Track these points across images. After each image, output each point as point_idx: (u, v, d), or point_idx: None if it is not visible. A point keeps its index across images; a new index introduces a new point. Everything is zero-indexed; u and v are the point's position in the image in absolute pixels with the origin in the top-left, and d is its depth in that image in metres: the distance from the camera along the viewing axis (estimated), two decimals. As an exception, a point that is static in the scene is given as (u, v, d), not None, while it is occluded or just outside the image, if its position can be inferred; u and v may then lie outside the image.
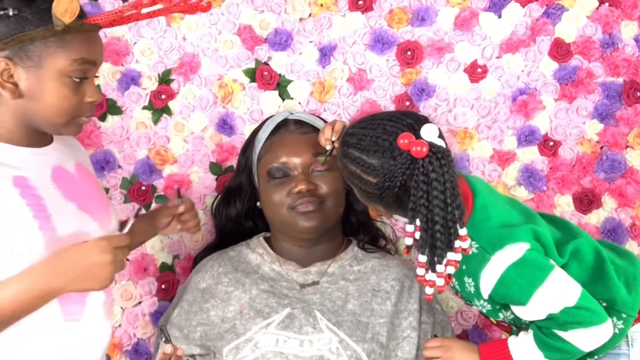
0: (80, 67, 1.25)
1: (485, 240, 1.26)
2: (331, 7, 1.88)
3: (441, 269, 1.21)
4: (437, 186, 1.19)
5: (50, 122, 1.27)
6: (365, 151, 1.27)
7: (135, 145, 1.87)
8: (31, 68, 1.23)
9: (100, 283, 1.25)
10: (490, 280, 1.25)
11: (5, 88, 1.23)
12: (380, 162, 1.24)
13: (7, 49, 1.21)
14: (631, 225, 1.85)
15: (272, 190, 1.62)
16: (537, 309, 1.25)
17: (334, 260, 1.67)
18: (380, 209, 1.32)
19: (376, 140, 1.26)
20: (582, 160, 1.86)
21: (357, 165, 1.28)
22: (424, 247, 1.21)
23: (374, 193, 1.27)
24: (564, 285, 1.25)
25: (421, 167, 1.20)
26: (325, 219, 1.61)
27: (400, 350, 1.53)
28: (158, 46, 1.87)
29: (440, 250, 1.20)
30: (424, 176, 1.20)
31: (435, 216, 1.19)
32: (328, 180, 1.62)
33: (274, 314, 1.54)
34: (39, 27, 1.21)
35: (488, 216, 1.30)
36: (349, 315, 1.55)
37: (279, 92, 1.89)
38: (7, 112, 1.27)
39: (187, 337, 1.57)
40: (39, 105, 1.25)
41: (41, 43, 1.22)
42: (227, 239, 1.79)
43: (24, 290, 1.20)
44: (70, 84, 1.25)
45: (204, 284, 1.63)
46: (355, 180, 1.30)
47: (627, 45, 1.86)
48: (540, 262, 1.24)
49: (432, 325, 1.60)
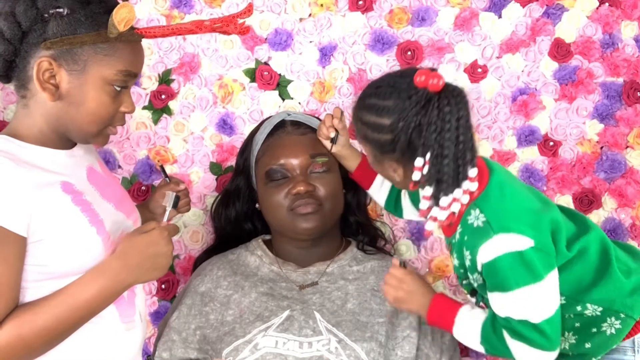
0: (124, 77, 1.23)
1: (494, 217, 1.23)
2: (331, 7, 1.88)
3: (445, 202, 1.21)
4: (451, 120, 1.18)
5: (84, 129, 1.24)
6: (380, 96, 1.26)
7: (136, 145, 1.87)
8: (75, 72, 1.20)
9: (162, 271, 1.27)
10: (485, 257, 1.23)
11: (45, 89, 1.20)
12: (395, 102, 1.22)
13: (54, 49, 1.18)
14: (631, 226, 1.85)
15: (271, 192, 1.62)
16: (505, 304, 1.24)
17: (333, 261, 1.67)
18: (393, 165, 1.28)
19: (393, 84, 1.25)
20: (582, 160, 1.86)
21: (371, 112, 1.27)
22: (430, 181, 1.20)
23: (387, 140, 1.24)
24: (542, 300, 1.23)
25: (436, 101, 1.19)
26: (324, 221, 1.61)
27: (400, 350, 1.53)
28: (158, 46, 1.87)
29: (446, 185, 1.20)
30: (438, 110, 1.19)
31: (445, 150, 1.19)
32: (326, 182, 1.62)
33: (273, 317, 1.54)
34: (91, 32, 1.19)
35: (502, 195, 1.27)
36: (348, 315, 1.55)
37: (279, 92, 1.89)
38: (42, 115, 1.23)
39: (185, 341, 1.57)
40: (77, 111, 1.22)
41: (90, 48, 1.19)
42: (226, 241, 1.79)
43: (103, 286, 1.20)
44: (111, 93, 1.23)
45: (203, 288, 1.63)
46: (368, 131, 1.28)
47: (627, 45, 1.86)
48: (534, 267, 1.22)
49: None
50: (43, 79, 1.20)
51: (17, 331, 1.14)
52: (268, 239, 1.75)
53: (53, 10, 1.18)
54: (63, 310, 1.18)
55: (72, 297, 1.19)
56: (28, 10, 1.18)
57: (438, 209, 1.22)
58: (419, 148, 1.21)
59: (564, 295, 1.28)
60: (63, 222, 1.20)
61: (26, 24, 1.19)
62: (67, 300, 1.18)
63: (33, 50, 1.20)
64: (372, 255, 1.71)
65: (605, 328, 1.29)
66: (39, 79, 1.20)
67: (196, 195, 1.88)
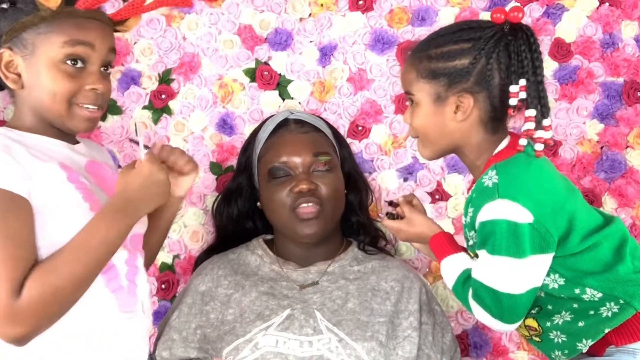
0: (72, 49, 1.27)
1: (506, 182, 1.25)
2: (331, 7, 1.88)
3: (547, 122, 1.25)
4: (537, 50, 1.25)
5: (52, 110, 1.29)
6: (453, 32, 1.30)
7: (136, 145, 1.87)
8: (27, 56, 1.27)
9: (164, 197, 1.32)
10: (484, 216, 1.25)
11: (8, 78, 1.28)
12: (474, 32, 1.27)
13: (7, 40, 1.27)
14: (631, 225, 1.85)
15: (273, 189, 1.62)
16: (485, 266, 1.27)
17: (333, 261, 1.67)
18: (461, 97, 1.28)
19: (463, 25, 1.32)
20: (582, 160, 1.86)
21: (446, 43, 1.29)
22: (534, 102, 1.24)
23: (464, 65, 1.26)
24: (515, 276, 1.25)
25: (519, 30, 1.25)
26: (325, 224, 1.61)
27: (401, 350, 1.53)
28: (158, 46, 1.87)
29: (546, 107, 1.25)
30: (524, 40, 1.24)
31: (539, 76, 1.24)
32: (329, 181, 1.62)
33: (274, 316, 1.54)
34: (29, 15, 1.26)
35: (527, 166, 1.28)
36: (349, 314, 1.55)
37: (279, 92, 1.89)
38: (26, 106, 1.31)
39: (186, 340, 1.57)
40: (39, 93, 1.28)
41: (32, 30, 1.26)
42: (227, 239, 1.79)
43: (113, 224, 1.24)
44: (66, 69, 1.27)
45: (203, 287, 1.63)
46: (438, 64, 1.29)
47: (627, 45, 1.86)
48: (522, 242, 1.23)
49: (432, 326, 1.60)
50: (6, 70, 1.28)
51: (44, 280, 1.17)
52: (269, 238, 1.75)
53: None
54: (82, 253, 1.21)
55: (86, 240, 1.22)
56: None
57: (543, 131, 1.25)
58: (499, 74, 1.25)
59: (564, 278, 1.28)
60: (58, 195, 1.25)
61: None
62: (83, 244, 1.22)
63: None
64: (372, 255, 1.71)
65: (603, 311, 1.29)
66: (2, 71, 1.28)
67: (196, 195, 1.88)
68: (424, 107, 1.32)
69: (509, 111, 1.26)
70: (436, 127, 1.32)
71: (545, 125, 1.25)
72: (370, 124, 1.89)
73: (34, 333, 1.19)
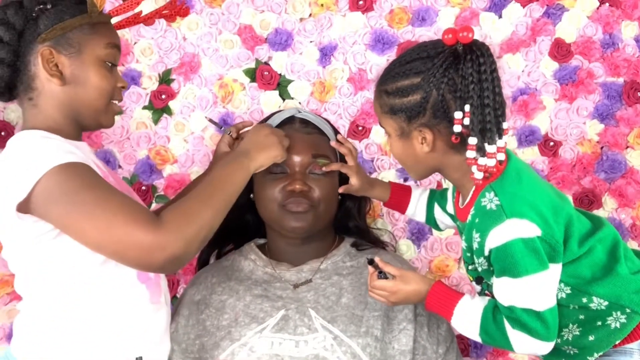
0: (111, 51, 1.36)
1: (509, 201, 1.23)
2: (331, 7, 1.88)
3: (492, 149, 1.21)
4: (487, 71, 1.20)
5: (94, 105, 1.35)
6: (405, 63, 1.26)
7: (136, 145, 1.87)
8: (73, 55, 1.32)
9: (277, 149, 1.48)
10: (496, 240, 1.22)
11: (53, 75, 1.31)
12: (423, 62, 1.23)
13: (49, 39, 1.30)
14: (631, 226, 1.85)
15: (267, 184, 1.62)
16: (511, 290, 1.24)
17: (326, 257, 1.67)
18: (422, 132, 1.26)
19: (416, 51, 1.27)
20: (582, 160, 1.86)
21: (397, 78, 1.26)
22: (474, 131, 1.21)
23: (417, 101, 1.23)
24: (547, 289, 1.24)
25: (469, 53, 1.20)
26: (314, 222, 1.61)
27: (397, 343, 1.53)
28: (158, 46, 1.87)
29: (490, 133, 1.21)
30: (472, 62, 1.20)
31: (485, 100, 1.20)
32: (323, 185, 1.62)
33: (268, 318, 1.54)
34: (76, 16, 1.32)
35: (519, 180, 1.27)
36: (344, 310, 1.55)
37: (279, 92, 1.89)
38: (54, 106, 1.33)
39: (185, 351, 1.56)
40: (84, 89, 1.33)
41: (78, 30, 1.32)
42: (227, 231, 1.78)
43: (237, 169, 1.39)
44: (107, 68, 1.35)
45: (198, 296, 1.63)
46: (395, 100, 1.27)
47: (627, 45, 1.86)
48: (542, 255, 1.22)
49: (427, 317, 1.60)
50: (49, 67, 1.31)
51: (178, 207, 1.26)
52: (261, 243, 1.75)
53: (39, 7, 1.31)
54: (212, 189, 1.33)
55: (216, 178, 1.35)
56: (17, 12, 1.31)
57: (485, 159, 1.22)
58: (452, 102, 1.21)
59: (570, 286, 1.28)
60: None
61: (19, 24, 1.31)
62: (212, 182, 1.34)
63: (30, 48, 1.31)
64: (365, 250, 1.71)
65: (610, 322, 1.29)
66: (45, 67, 1.30)
67: (196, 195, 1.88)
68: (394, 140, 1.32)
69: (452, 138, 1.22)
70: (409, 157, 1.32)
71: (488, 152, 1.21)
72: (370, 124, 1.89)
73: (185, 253, 1.23)
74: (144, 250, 1.19)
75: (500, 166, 1.26)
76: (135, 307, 1.33)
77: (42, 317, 1.31)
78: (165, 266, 1.22)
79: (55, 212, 1.21)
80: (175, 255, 1.21)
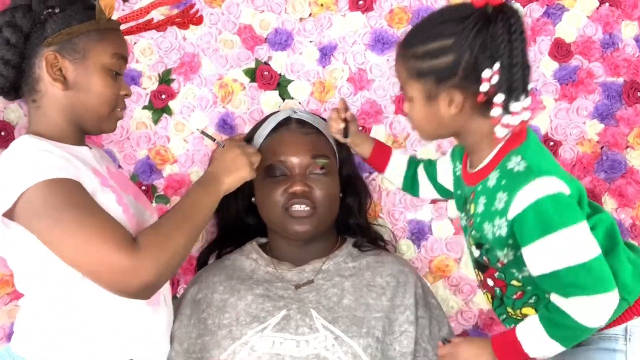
0: (117, 61, 1.38)
1: (536, 162, 1.25)
2: (331, 7, 1.88)
3: (517, 108, 1.23)
4: (517, 31, 1.22)
5: (97, 111, 1.36)
6: (433, 26, 1.28)
7: (136, 145, 1.87)
8: (78, 60, 1.34)
9: (244, 169, 1.48)
10: (524, 201, 1.22)
11: (56, 79, 1.32)
12: (454, 25, 1.24)
13: (55, 43, 1.32)
14: (631, 226, 1.85)
15: (268, 187, 1.62)
16: (549, 251, 1.22)
17: (328, 258, 1.67)
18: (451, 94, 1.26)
19: (443, 14, 1.29)
20: (582, 160, 1.86)
21: (426, 41, 1.26)
22: (501, 89, 1.22)
23: (449, 63, 1.24)
24: (585, 239, 1.22)
25: (500, 13, 1.22)
26: (317, 224, 1.61)
27: (399, 344, 1.54)
28: (158, 46, 1.87)
29: (517, 92, 1.22)
30: (503, 22, 1.21)
31: (514, 59, 1.21)
32: (324, 185, 1.62)
33: (270, 318, 1.54)
34: (83, 22, 1.34)
35: (542, 150, 1.31)
36: (345, 311, 1.55)
37: (279, 92, 1.89)
38: (56, 109, 1.35)
39: (187, 351, 1.56)
40: (87, 95, 1.35)
41: (85, 36, 1.33)
42: (228, 234, 1.78)
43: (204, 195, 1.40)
44: (111, 76, 1.37)
45: (200, 295, 1.63)
46: (423, 63, 1.27)
47: (627, 45, 1.86)
48: (575, 207, 1.23)
49: (429, 319, 1.60)
50: (52, 72, 1.32)
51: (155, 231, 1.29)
52: (263, 242, 1.75)
53: (47, 11, 1.32)
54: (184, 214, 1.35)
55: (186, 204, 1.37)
56: (26, 15, 1.33)
57: (509, 116, 1.23)
58: (483, 63, 1.22)
59: None
60: (97, 199, 1.29)
61: (27, 27, 1.33)
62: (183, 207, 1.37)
63: (36, 51, 1.33)
64: (367, 251, 1.71)
65: None
66: (49, 72, 1.32)
67: (196, 195, 1.88)
68: (418, 104, 1.31)
69: (479, 97, 1.24)
70: (432, 121, 1.32)
71: (513, 110, 1.23)
72: (370, 124, 1.89)
73: (158, 280, 1.25)
74: (119, 274, 1.21)
75: (522, 130, 1.28)
76: (132, 308, 1.34)
77: (41, 315, 1.31)
78: (138, 293, 1.24)
79: (37, 226, 1.22)
80: (148, 283, 1.23)
